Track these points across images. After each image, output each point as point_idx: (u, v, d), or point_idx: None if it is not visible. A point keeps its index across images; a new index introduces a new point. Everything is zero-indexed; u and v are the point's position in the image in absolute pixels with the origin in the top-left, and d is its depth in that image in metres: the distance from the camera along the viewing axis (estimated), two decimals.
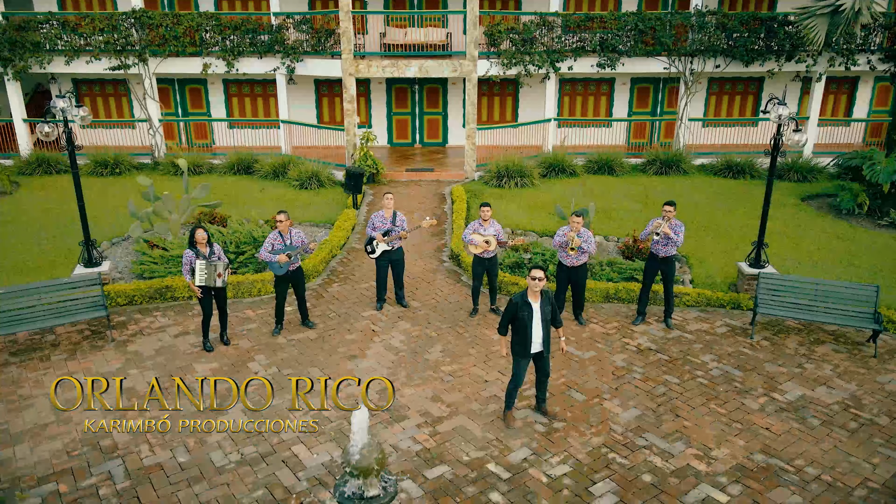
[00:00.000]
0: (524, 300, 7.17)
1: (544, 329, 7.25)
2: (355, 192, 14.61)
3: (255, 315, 10.15)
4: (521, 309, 7.13)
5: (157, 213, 12.28)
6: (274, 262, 9.12)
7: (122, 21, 17.64)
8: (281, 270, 9.21)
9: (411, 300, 10.73)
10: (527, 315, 7.13)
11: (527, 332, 7.16)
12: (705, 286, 11.24)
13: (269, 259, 9.13)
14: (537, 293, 7.18)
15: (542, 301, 7.21)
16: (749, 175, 17.84)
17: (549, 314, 7.26)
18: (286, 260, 9.09)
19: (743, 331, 9.83)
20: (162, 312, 10.19)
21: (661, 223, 9.47)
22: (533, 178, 16.97)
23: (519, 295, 7.22)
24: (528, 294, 7.19)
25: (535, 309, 7.19)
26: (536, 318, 7.19)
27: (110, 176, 17.63)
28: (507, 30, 17.53)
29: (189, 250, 8.76)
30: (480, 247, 9.72)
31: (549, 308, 7.26)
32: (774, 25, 17.78)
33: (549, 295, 7.30)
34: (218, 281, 8.82)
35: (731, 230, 13.80)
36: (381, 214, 10.12)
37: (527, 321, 7.13)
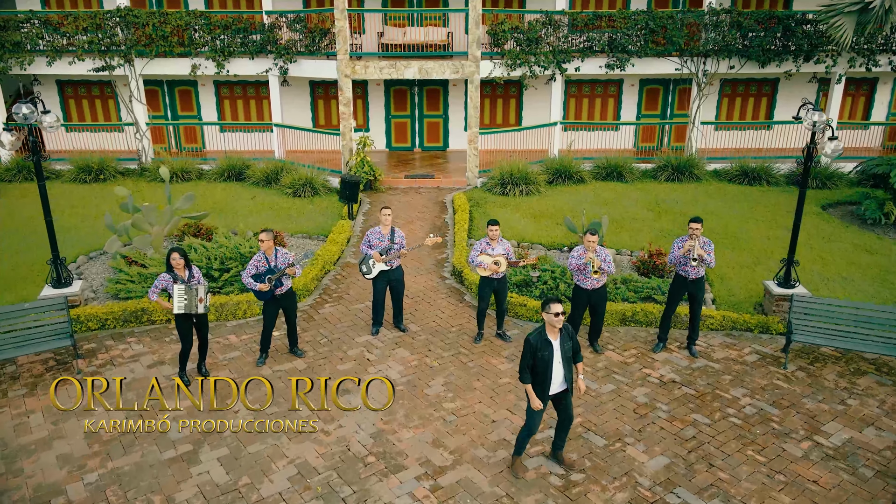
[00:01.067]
0: (543, 338, 6.31)
1: (566, 367, 6.42)
2: (351, 201, 13.71)
3: (240, 342, 9.24)
4: (541, 348, 6.28)
5: (137, 226, 11.39)
6: (255, 289, 8.25)
7: (107, 20, 16.78)
8: (265, 296, 8.33)
9: (410, 322, 9.84)
10: (547, 355, 6.28)
11: (546, 373, 6.30)
12: (728, 306, 10.37)
13: (249, 285, 8.25)
14: (557, 330, 6.34)
15: (562, 337, 6.38)
16: (765, 181, 16.97)
17: (569, 351, 6.43)
18: (267, 288, 8.23)
19: (774, 359, 8.93)
20: (137, 338, 9.28)
21: (693, 245, 8.56)
22: (538, 185, 16.10)
23: (536, 333, 6.35)
24: (546, 331, 6.34)
25: (556, 347, 6.35)
26: (557, 357, 6.35)
27: (94, 182, 16.76)
28: (512, 29, 16.65)
29: (165, 274, 7.87)
30: (490, 269, 8.84)
31: (569, 344, 6.42)
32: (792, 24, 16.90)
33: (570, 330, 6.48)
34: (199, 306, 7.93)
35: (751, 242, 12.92)
36: (377, 231, 9.23)
37: (547, 361, 6.28)
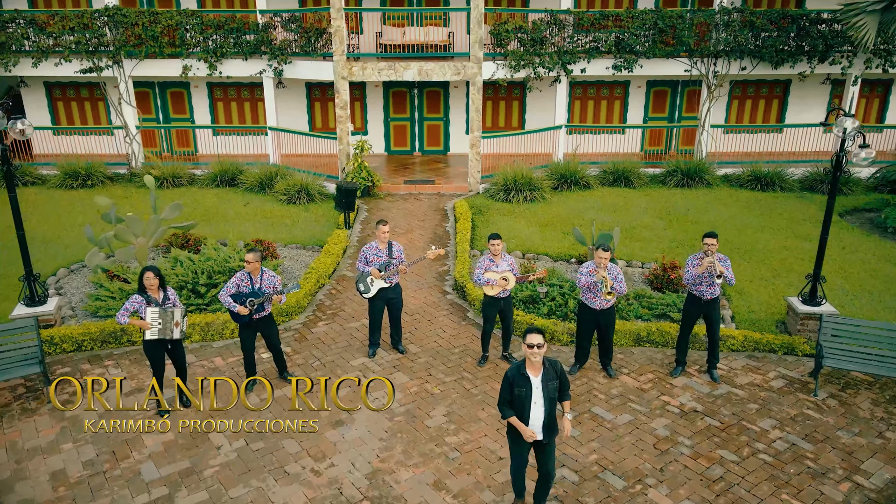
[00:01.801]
0: (520, 372, 5.54)
1: (547, 410, 5.55)
2: (347, 209, 13.05)
3: (226, 364, 8.59)
4: (517, 384, 5.52)
5: (120, 237, 10.74)
6: (233, 310, 7.57)
7: (95, 19, 16.14)
8: (242, 319, 7.66)
9: (409, 343, 9.19)
10: (524, 393, 5.51)
11: (523, 415, 5.54)
12: (748, 324, 9.73)
13: (227, 305, 7.54)
14: (537, 364, 5.52)
15: (544, 374, 5.55)
16: (779, 187, 16.33)
17: (554, 391, 5.58)
18: (247, 312, 7.55)
19: (802, 385, 8.28)
20: (115, 361, 8.62)
21: (712, 262, 7.90)
22: (543, 191, 15.46)
23: (515, 366, 5.60)
24: (525, 365, 5.57)
25: (535, 385, 5.54)
26: (536, 397, 5.53)
27: (81, 188, 16.14)
28: (515, 29, 16.01)
29: (137, 295, 7.21)
30: (499, 286, 8.18)
31: (554, 383, 5.57)
32: (806, 24, 16.27)
33: (557, 367, 5.65)
34: (175, 331, 7.28)
35: (768, 254, 12.28)
36: (374, 246, 8.56)
37: (524, 400, 5.51)
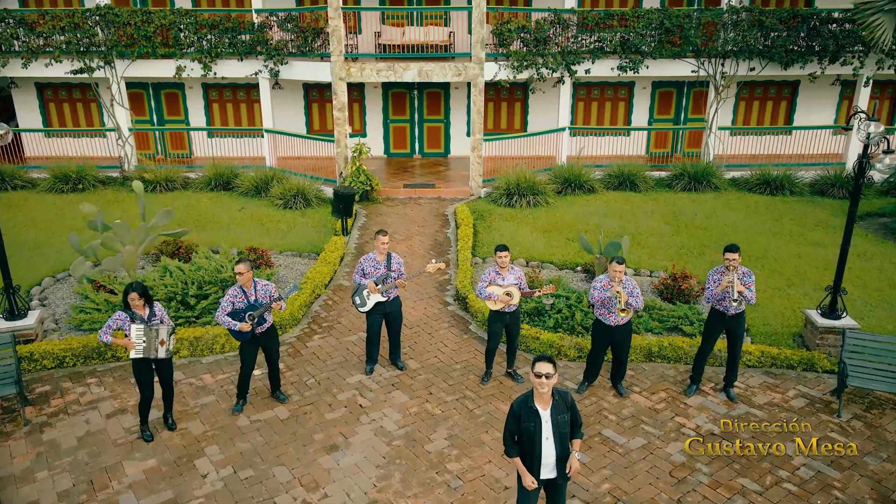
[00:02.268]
0: (528, 405, 5.04)
1: (558, 446, 5.06)
2: (345, 215, 12.60)
3: (215, 382, 8.14)
4: (525, 418, 5.03)
5: (107, 245, 10.30)
6: (233, 329, 7.15)
7: (86, 19, 15.70)
8: (244, 336, 7.24)
9: (408, 358, 8.75)
10: (533, 428, 5.02)
11: (533, 451, 5.06)
12: (764, 337, 9.28)
13: (227, 325, 7.14)
14: (546, 396, 5.01)
15: (554, 407, 5.04)
16: (788, 191, 15.88)
17: (565, 425, 5.08)
18: (248, 328, 7.14)
19: (825, 404, 7.83)
20: (98, 378, 8.17)
21: (733, 280, 7.41)
22: (547, 195, 15.02)
23: (522, 398, 5.11)
24: (533, 396, 5.06)
25: (545, 418, 5.03)
26: (547, 431, 5.03)
27: (72, 192, 15.69)
28: (518, 28, 15.57)
29: (121, 312, 6.77)
30: (502, 301, 7.75)
31: (565, 416, 5.08)
32: (817, 23, 15.82)
33: (568, 399, 5.13)
34: (160, 350, 6.84)
35: (781, 262, 11.84)
36: (371, 258, 8.11)
37: (533, 435, 5.02)
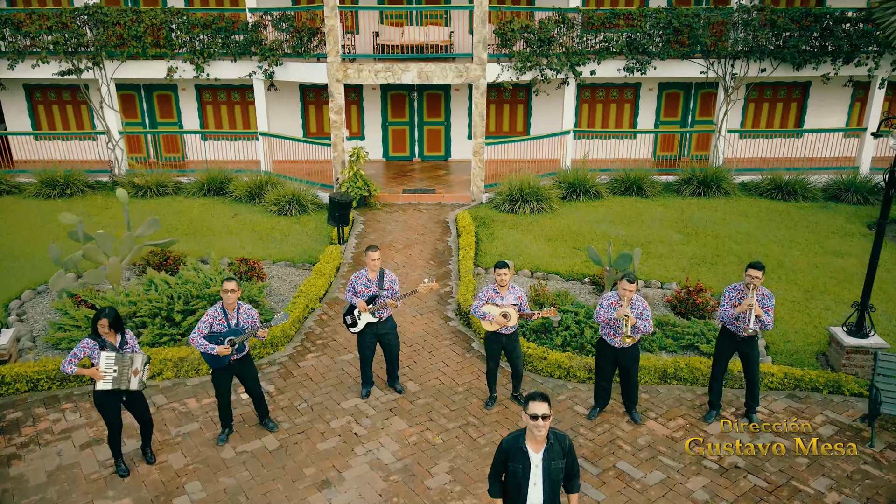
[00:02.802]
0: (518, 445, 4.51)
1: (547, 494, 4.49)
2: (341, 223, 12.05)
3: (199, 408, 7.60)
4: (513, 458, 4.51)
5: (89, 257, 9.78)
6: (209, 353, 6.58)
7: (74, 18, 15.16)
8: (219, 362, 6.68)
9: (407, 379, 8.21)
10: (521, 471, 4.49)
11: (518, 495, 4.53)
12: (785, 355, 8.74)
13: (202, 348, 6.55)
14: (540, 438, 4.44)
15: (547, 450, 4.48)
16: (801, 196, 15.34)
17: (558, 472, 4.52)
18: (227, 352, 6.59)
19: (855, 432, 7.29)
20: (74, 404, 7.63)
21: (752, 303, 6.78)
22: (551, 201, 14.48)
23: (513, 436, 4.56)
24: (525, 437, 4.52)
25: (535, 462, 4.47)
26: (535, 477, 4.47)
27: (59, 198, 15.17)
28: (521, 28, 15.03)
29: (88, 339, 6.21)
30: (497, 322, 7.21)
31: (559, 463, 4.51)
32: (830, 23, 15.28)
33: (565, 443, 4.56)
34: (133, 381, 6.25)
35: (798, 272, 11.30)
36: (363, 275, 7.56)
37: (520, 480, 4.49)
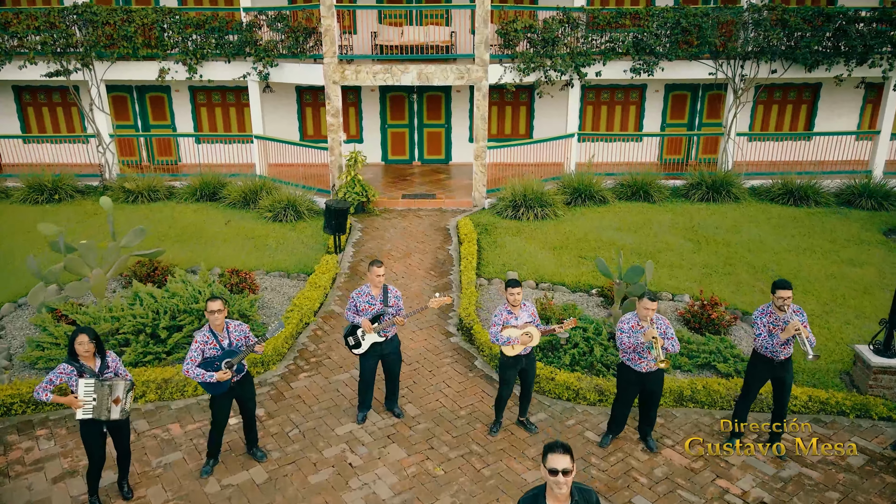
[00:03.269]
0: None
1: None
2: (338, 231, 11.54)
3: (184, 434, 7.09)
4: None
5: (71, 270, 9.27)
6: (208, 381, 6.04)
7: (63, 18, 14.66)
8: (221, 388, 6.16)
9: (406, 402, 7.70)
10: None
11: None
12: (807, 375, 8.24)
13: (200, 378, 6.02)
14: (562, 496, 3.91)
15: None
16: (813, 202, 14.83)
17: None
18: (228, 376, 6.06)
19: (887, 462, 6.79)
20: (49, 430, 7.13)
21: (798, 328, 6.20)
22: (555, 207, 13.97)
23: (530, 496, 4.02)
24: (545, 495, 3.96)
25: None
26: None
27: (47, 204, 14.67)
28: (525, 28, 14.52)
29: (65, 364, 5.70)
30: (522, 343, 6.69)
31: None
32: (844, 23, 14.78)
33: (592, 499, 4.04)
34: (114, 410, 5.73)
35: (814, 282, 10.81)
36: (365, 292, 7.03)
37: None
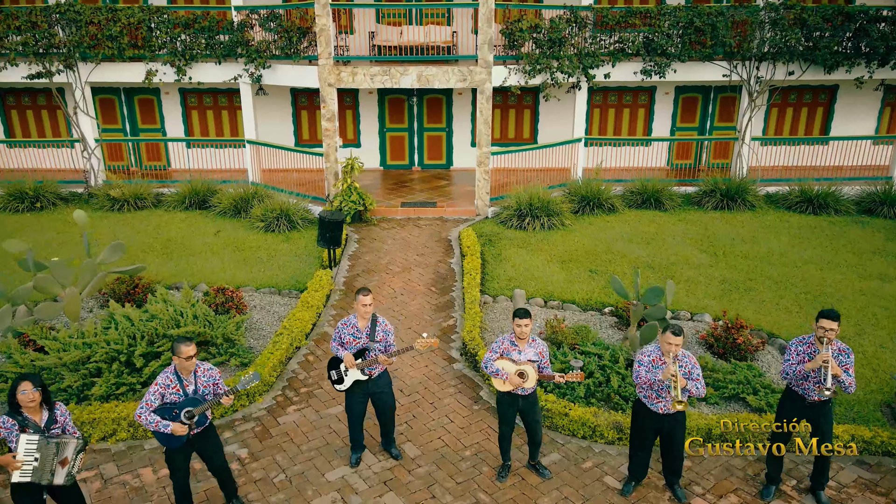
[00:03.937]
0: None
1: None
2: (332, 245, 10.82)
3: (156, 482, 6.35)
4: None
5: (41, 289, 8.55)
6: (162, 432, 5.34)
7: (45, 17, 13.95)
8: (176, 441, 5.45)
9: (405, 440, 6.98)
10: None
11: None
12: (844, 407, 7.53)
13: (153, 426, 5.31)
14: None
15: None
16: (833, 210, 14.10)
17: None
18: (184, 431, 5.36)
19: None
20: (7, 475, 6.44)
21: (828, 362, 5.53)
22: (563, 216, 13.26)
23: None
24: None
25: None
26: None
27: (28, 212, 13.97)
28: (531, 28, 13.81)
29: (6, 417, 4.97)
30: (512, 382, 5.99)
31: None
32: (865, 22, 14.07)
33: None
34: (59, 473, 4.96)
35: (841, 300, 10.09)
36: (351, 323, 6.30)
37: None
